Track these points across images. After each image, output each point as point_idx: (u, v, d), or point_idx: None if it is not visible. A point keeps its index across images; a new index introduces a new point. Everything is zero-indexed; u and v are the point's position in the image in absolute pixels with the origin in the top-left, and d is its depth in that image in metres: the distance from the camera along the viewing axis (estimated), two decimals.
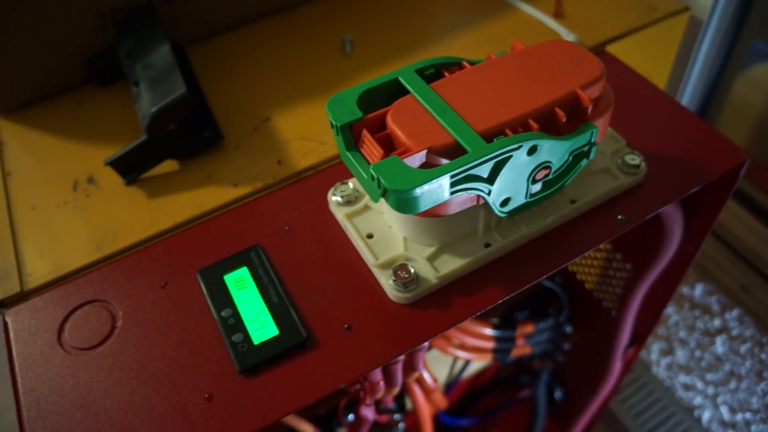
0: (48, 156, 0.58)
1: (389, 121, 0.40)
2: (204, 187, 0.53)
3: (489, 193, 0.40)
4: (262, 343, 0.42)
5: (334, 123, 0.40)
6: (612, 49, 0.65)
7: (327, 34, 0.68)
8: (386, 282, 0.44)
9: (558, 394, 0.95)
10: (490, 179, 0.40)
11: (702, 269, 1.15)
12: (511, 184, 0.41)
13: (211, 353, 0.42)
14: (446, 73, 0.45)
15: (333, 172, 0.53)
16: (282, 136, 0.57)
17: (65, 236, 0.51)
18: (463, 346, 0.73)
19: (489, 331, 0.75)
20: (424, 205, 0.38)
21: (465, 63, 0.45)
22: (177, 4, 0.64)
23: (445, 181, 0.37)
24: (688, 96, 0.82)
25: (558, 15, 0.68)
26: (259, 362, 0.41)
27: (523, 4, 0.69)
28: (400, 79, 0.43)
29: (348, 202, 0.48)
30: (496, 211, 0.43)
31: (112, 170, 0.54)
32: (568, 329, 0.85)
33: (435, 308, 0.43)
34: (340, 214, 0.48)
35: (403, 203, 0.37)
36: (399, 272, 0.43)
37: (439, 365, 0.85)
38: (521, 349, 0.81)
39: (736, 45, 0.80)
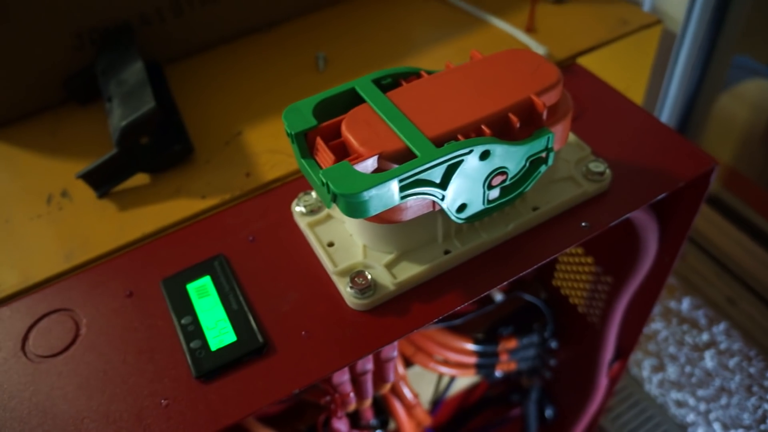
0: (24, 171, 0.59)
1: (343, 128, 0.41)
2: (173, 199, 0.54)
3: (443, 199, 0.41)
4: (219, 350, 0.42)
5: (289, 131, 0.41)
6: (585, 61, 0.66)
7: (301, 51, 0.69)
8: (344, 289, 0.44)
9: (549, 413, 0.94)
10: (443, 184, 0.40)
11: (689, 283, 1.14)
12: (466, 190, 0.42)
13: (169, 360, 0.42)
14: (404, 83, 0.45)
15: (299, 183, 0.53)
16: (251, 150, 0.58)
17: (36, 248, 0.52)
18: (446, 362, 0.73)
19: (471, 346, 0.75)
20: (374, 210, 0.38)
21: (423, 72, 0.46)
22: (155, 24, 0.66)
23: (394, 185, 0.37)
24: (668, 110, 0.82)
25: (530, 29, 0.69)
26: (215, 368, 0.41)
27: (495, 18, 0.70)
28: (357, 88, 0.44)
29: (311, 211, 0.49)
30: (453, 217, 0.43)
31: (86, 184, 0.55)
32: (554, 345, 0.85)
33: (393, 315, 0.43)
34: (302, 223, 0.48)
35: (353, 207, 0.37)
36: (356, 279, 0.43)
37: (424, 383, 0.85)
38: (506, 364, 0.80)
39: (714, 58, 0.80)
